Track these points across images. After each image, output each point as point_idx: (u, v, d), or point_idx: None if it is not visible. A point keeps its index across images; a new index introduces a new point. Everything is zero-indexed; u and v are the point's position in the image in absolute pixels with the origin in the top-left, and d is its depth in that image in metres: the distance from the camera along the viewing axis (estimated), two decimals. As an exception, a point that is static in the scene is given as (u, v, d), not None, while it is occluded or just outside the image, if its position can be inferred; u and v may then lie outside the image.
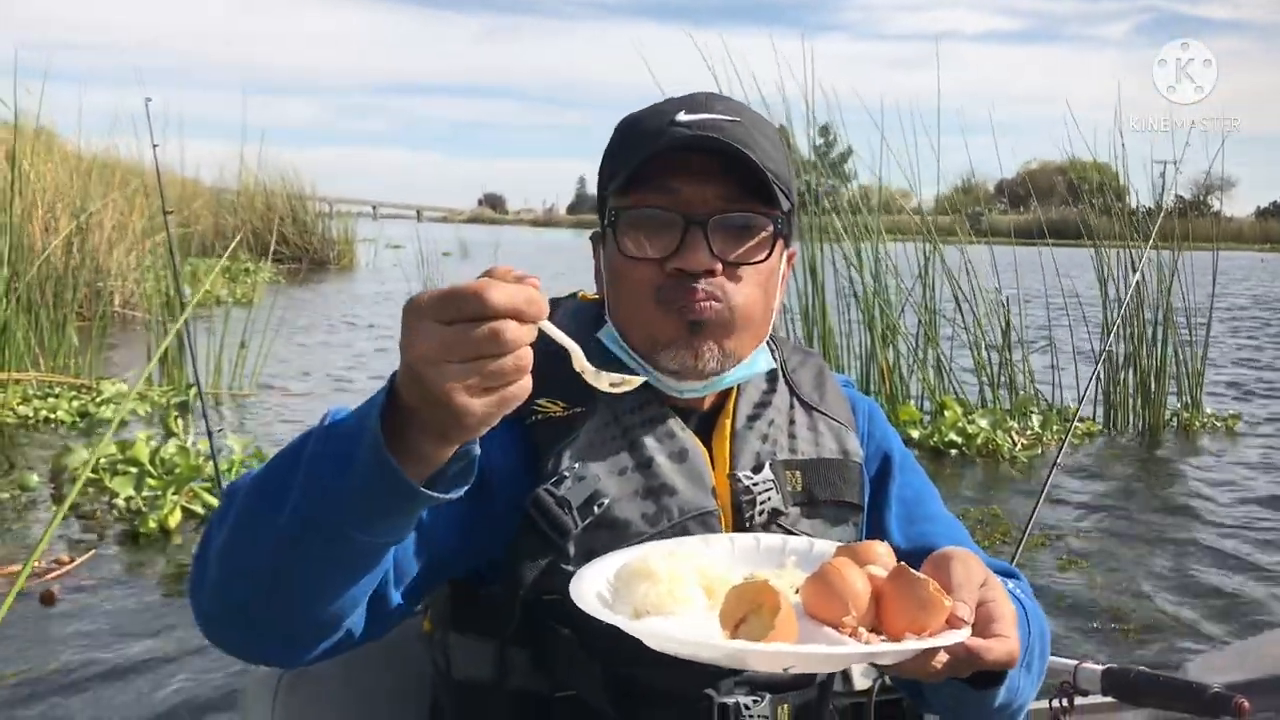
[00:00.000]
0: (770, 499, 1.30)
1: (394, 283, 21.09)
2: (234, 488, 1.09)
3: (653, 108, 1.34)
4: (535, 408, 1.26)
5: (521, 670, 1.25)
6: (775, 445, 1.35)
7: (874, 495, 1.43)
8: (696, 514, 1.26)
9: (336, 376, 10.65)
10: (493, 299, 0.85)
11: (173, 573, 4.82)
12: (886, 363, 8.52)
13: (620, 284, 1.31)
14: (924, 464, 5.79)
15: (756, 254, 1.29)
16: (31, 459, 6.71)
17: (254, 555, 1.03)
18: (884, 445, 1.47)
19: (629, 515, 1.24)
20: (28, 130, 10.25)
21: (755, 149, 1.25)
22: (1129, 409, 8.97)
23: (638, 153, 1.27)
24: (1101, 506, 6.67)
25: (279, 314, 10.53)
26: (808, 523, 1.33)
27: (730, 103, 1.33)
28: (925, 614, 1.00)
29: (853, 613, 1.01)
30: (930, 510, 1.46)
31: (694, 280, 1.25)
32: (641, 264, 1.27)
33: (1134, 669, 1.75)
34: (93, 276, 11.18)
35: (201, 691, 3.71)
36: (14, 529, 5.38)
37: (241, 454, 6.06)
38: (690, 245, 1.24)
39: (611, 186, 1.30)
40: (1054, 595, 4.96)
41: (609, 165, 1.34)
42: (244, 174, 22.35)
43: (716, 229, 1.25)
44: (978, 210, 10.05)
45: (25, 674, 3.78)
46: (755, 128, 1.30)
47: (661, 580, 1.05)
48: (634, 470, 1.26)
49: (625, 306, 1.31)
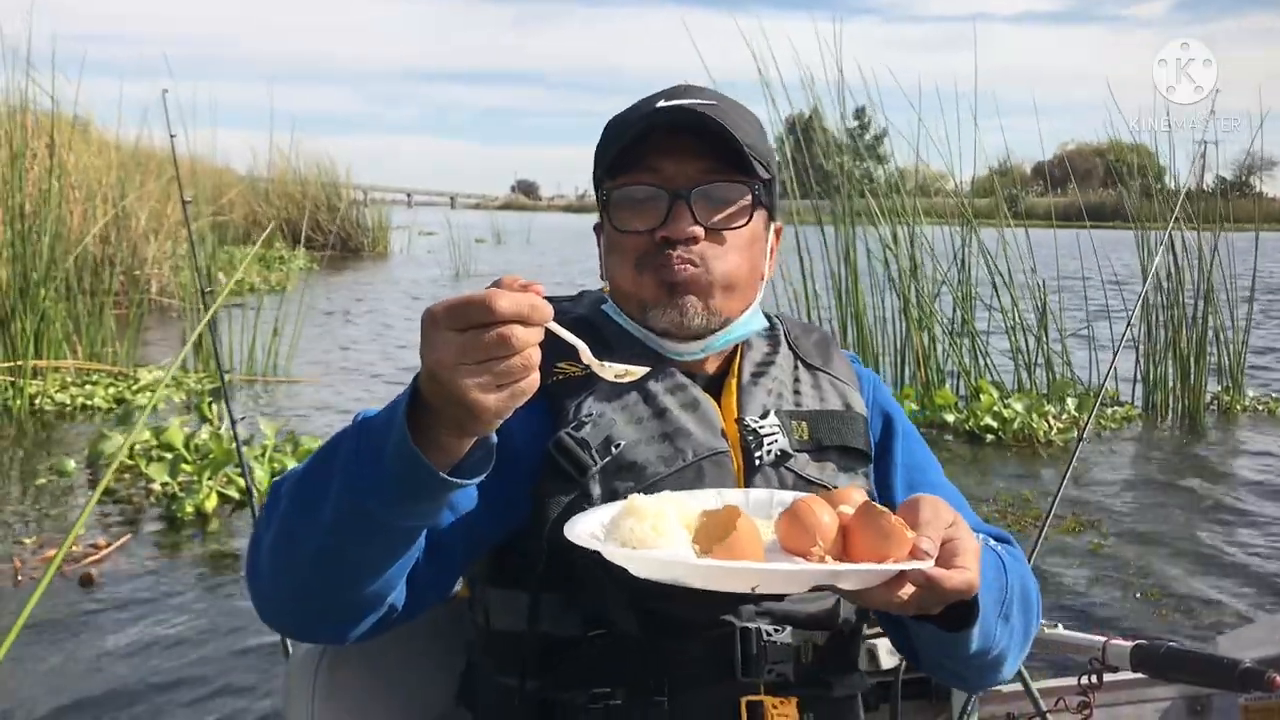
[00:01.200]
0: (777, 439, 1.37)
1: (429, 269, 21.26)
2: (279, 484, 1.20)
3: (637, 104, 1.44)
4: (555, 370, 1.35)
5: (553, 613, 1.32)
6: (780, 399, 1.42)
7: (878, 456, 1.48)
8: (709, 454, 1.33)
9: (368, 362, 10.70)
10: (499, 306, 0.95)
11: (208, 556, 4.86)
12: (922, 346, 8.45)
13: (612, 257, 1.41)
14: (960, 448, 5.78)
15: (737, 220, 1.38)
16: (69, 445, 6.78)
17: (302, 544, 1.14)
18: (887, 409, 1.53)
19: (646, 457, 1.31)
20: (65, 120, 10.35)
21: (731, 127, 1.34)
22: (1168, 392, 8.84)
23: (623, 138, 1.37)
24: (1138, 489, 6.59)
25: (313, 301, 10.60)
26: (816, 467, 1.38)
27: (708, 91, 1.43)
28: (888, 544, 1.05)
29: (819, 544, 1.07)
30: (932, 479, 1.51)
31: (674, 247, 1.34)
32: (631, 236, 1.37)
33: (1163, 644, 1.74)
34: (129, 265, 11.29)
35: (238, 669, 3.75)
36: (52, 514, 5.44)
37: (274, 438, 6.10)
38: (675, 215, 1.34)
39: (600, 172, 1.42)
40: (1086, 576, 4.92)
41: (600, 155, 1.43)
42: (278, 161, 22.51)
43: (698, 199, 1.35)
44: (1014, 192, 9.95)
45: (69, 654, 3.82)
46: (732, 110, 1.40)
47: (646, 517, 1.11)
48: (649, 418, 1.35)
49: (616, 277, 1.41)
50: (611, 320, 1.44)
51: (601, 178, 1.42)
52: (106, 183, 11.15)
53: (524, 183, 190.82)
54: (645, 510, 1.12)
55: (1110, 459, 7.33)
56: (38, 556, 4.67)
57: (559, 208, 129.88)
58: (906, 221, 8.70)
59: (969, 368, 8.67)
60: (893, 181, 9.00)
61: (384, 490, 1.05)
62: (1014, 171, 11.55)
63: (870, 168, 9.12)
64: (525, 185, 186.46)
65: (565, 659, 1.31)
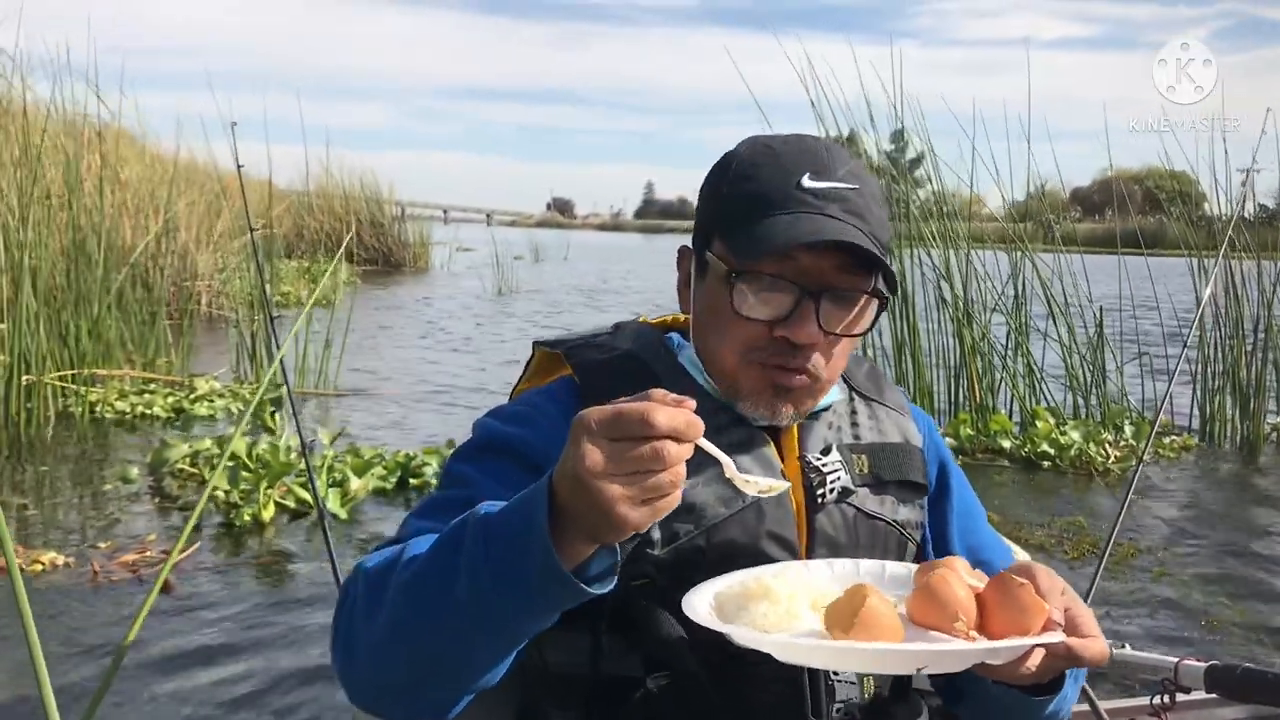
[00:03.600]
0: (840, 477, 1.36)
1: (470, 283, 21.39)
2: (370, 570, 1.17)
3: (773, 159, 1.34)
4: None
5: (615, 654, 1.30)
6: (840, 432, 1.42)
7: (934, 500, 1.49)
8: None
9: (419, 375, 10.76)
10: (657, 421, 0.94)
11: (268, 563, 4.90)
12: (976, 372, 8.39)
13: (718, 328, 1.35)
14: (1017, 475, 5.75)
15: (859, 326, 1.34)
16: (130, 453, 6.84)
17: (418, 644, 1.10)
18: (942, 454, 1.53)
19: (705, 499, 1.29)
20: (115, 132, 10.49)
21: (869, 218, 1.31)
22: (1226, 421, 8.74)
23: (761, 215, 1.30)
24: (1196, 518, 6.50)
25: (360, 315, 10.67)
26: (875, 500, 1.39)
27: (847, 162, 1.35)
28: (1026, 617, 1.06)
29: (963, 619, 1.07)
30: (980, 526, 1.53)
31: (794, 351, 1.31)
32: (747, 323, 1.31)
33: (1239, 665, 1.72)
34: (179, 276, 11.42)
35: (308, 668, 3.80)
36: (120, 519, 5.49)
37: (331, 447, 6.13)
38: (800, 316, 1.29)
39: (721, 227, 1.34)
40: (1146, 603, 4.85)
41: (724, 207, 1.36)
42: (322, 177, 22.71)
43: (828, 301, 1.30)
44: (1049, 219, 9.91)
45: (153, 656, 3.88)
46: (870, 195, 1.34)
47: (780, 600, 1.10)
48: (706, 458, 1.27)
49: (718, 351, 1.36)
50: (686, 373, 1.40)
51: (722, 236, 1.34)
52: (158, 195, 11.29)
53: (559, 200, 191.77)
54: (779, 594, 1.11)
55: (1168, 488, 7.24)
56: (113, 561, 4.71)
57: (594, 226, 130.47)
58: (959, 246, 8.66)
59: (1023, 394, 8.60)
60: (931, 206, 8.96)
61: (520, 602, 1.04)
62: (1051, 196, 11.49)
63: (906, 191, 9.05)
64: (560, 203, 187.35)
65: (628, 700, 1.29)
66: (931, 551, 1.49)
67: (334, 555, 2.43)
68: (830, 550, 1.33)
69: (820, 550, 1.33)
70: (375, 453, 6.30)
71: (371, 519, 5.63)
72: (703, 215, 1.40)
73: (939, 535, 1.48)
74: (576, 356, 1.41)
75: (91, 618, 4.14)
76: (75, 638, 3.96)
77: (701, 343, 1.39)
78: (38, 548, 4.83)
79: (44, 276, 7.80)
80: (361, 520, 5.59)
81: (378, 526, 5.51)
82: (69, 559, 4.71)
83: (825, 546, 1.33)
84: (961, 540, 1.48)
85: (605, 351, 1.42)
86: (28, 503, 5.79)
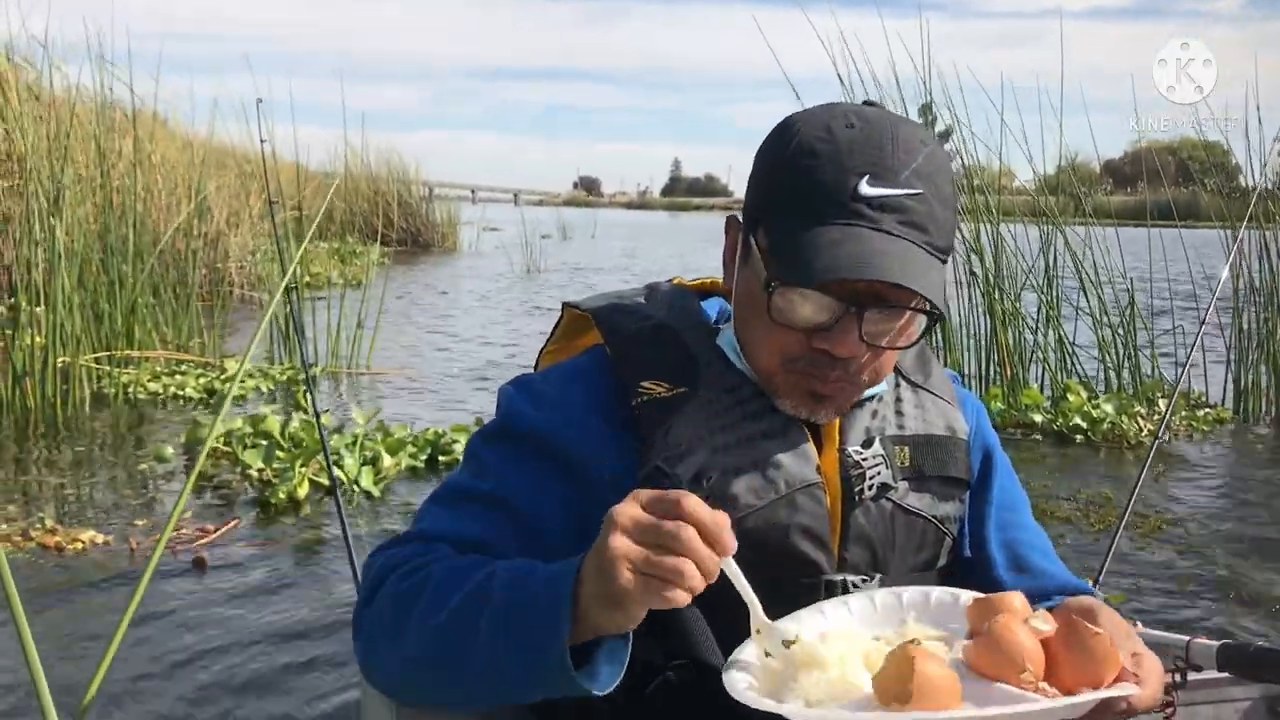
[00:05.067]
0: (880, 473, 1.31)
1: (498, 263, 21.42)
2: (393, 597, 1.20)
3: (833, 149, 1.23)
4: (640, 390, 1.30)
5: (635, 641, 1.28)
6: (884, 421, 1.36)
7: (975, 490, 1.43)
8: (802, 486, 1.27)
9: (448, 354, 10.82)
10: (686, 504, 0.99)
11: (303, 541, 4.95)
12: (1007, 346, 8.34)
13: (756, 327, 1.30)
14: (1048, 449, 5.73)
15: (904, 338, 1.28)
16: (165, 433, 6.92)
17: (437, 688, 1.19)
18: (987, 443, 1.48)
19: (736, 490, 1.25)
20: (146, 116, 10.55)
21: (930, 226, 1.22)
22: (1260, 395, 8.65)
23: (810, 221, 1.21)
24: (1227, 492, 6.44)
25: (392, 296, 10.72)
26: (915, 497, 1.34)
27: (916, 155, 1.23)
28: (1102, 668, 1.02)
29: (1029, 669, 1.01)
30: (1022, 519, 1.48)
31: (834, 364, 1.25)
32: (784, 331, 1.26)
33: (1251, 644, 1.71)
34: (211, 258, 11.50)
35: (338, 647, 3.82)
36: (156, 498, 5.56)
37: (365, 426, 6.18)
38: (842, 330, 1.22)
39: (770, 221, 1.27)
40: (1169, 577, 4.82)
41: (774, 196, 1.27)
42: (350, 158, 22.78)
43: (871, 314, 1.23)
44: (1082, 191, 9.80)
45: (185, 632, 3.92)
46: (935, 196, 1.24)
47: (830, 667, 1.05)
48: (738, 446, 1.28)
49: (755, 351, 1.31)
50: (723, 356, 1.35)
51: (767, 231, 1.27)
52: (189, 177, 11.37)
53: (586, 179, 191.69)
54: (827, 660, 1.05)
55: (1200, 461, 7.18)
56: (151, 538, 4.78)
57: (621, 204, 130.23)
58: (989, 219, 8.59)
59: (1055, 368, 8.54)
60: (960, 180, 8.88)
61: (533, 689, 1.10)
62: (1082, 169, 11.34)
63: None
64: (588, 181, 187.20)
65: (645, 686, 1.26)
66: (968, 546, 1.45)
67: (349, 535, 2.46)
68: (863, 546, 1.30)
69: (853, 547, 1.30)
70: (404, 430, 6.34)
71: (403, 496, 5.68)
72: (754, 192, 1.32)
73: (976, 527, 1.44)
74: (607, 323, 1.37)
75: (129, 595, 4.19)
76: (113, 612, 4.02)
77: (741, 331, 1.33)
78: (76, 527, 4.90)
79: (78, 259, 7.88)
80: (393, 498, 5.64)
81: (410, 502, 5.56)
82: (108, 538, 4.78)
83: (859, 543, 1.30)
84: (998, 533, 1.44)
85: (638, 320, 1.37)
86: (65, 482, 5.87)
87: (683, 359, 1.32)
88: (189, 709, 3.36)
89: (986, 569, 1.43)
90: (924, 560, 1.37)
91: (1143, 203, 10.25)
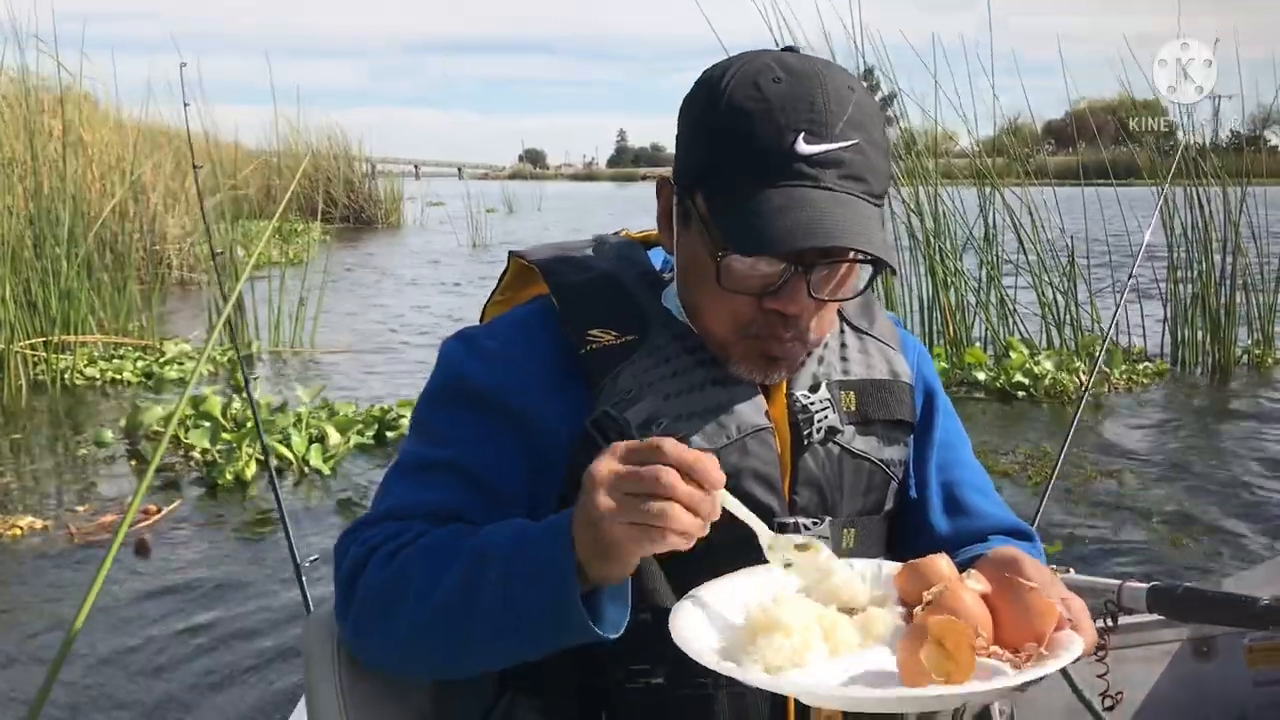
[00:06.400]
0: (827, 417, 1.31)
1: (444, 237, 21.26)
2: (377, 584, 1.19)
3: (764, 108, 1.20)
4: (588, 338, 1.28)
5: None
6: (830, 366, 1.36)
7: (919, 431, 1.44)
8: (752, 431, 1.27)
9: (394, 331, 10.74)
10: (666, 447, 0.99)
11: (250, 520, 4.92)
12: (949, 306, 8.42)
13: (703, 293, 1.27)
14: (991, 406, 5.81)
15: (850, 291, 1.28)
16: (103, 417, 6.82)
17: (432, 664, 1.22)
18: (929, 385, 1.48)
19: (687, 435, 1.24)
20: (75, 96, 10.31)
21: (869, 175, 1.21)
22: (1198, 347, 8.82)
23: (750, 185, 1.19)
24: (1165, 441, 6.62)
25: (333, 272, 10.61)
26: (862, 440, 1.35)
27: (847, 105, 1.21)
28: (1041, 620, 1.03)
29: (983, 635, 1.02)
30: (962, 457, 1.48)
31: (786, 322, 1.24)
32: (732, 296, 1.24)
33: (1180, 585, 1.72)
34: (148, 240, 11.30)
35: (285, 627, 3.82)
36: (96, 483, 5.49)
37: (309, 403, 6.13)
38: (791, 288, 1.21)
39: (712, 205, 1.23)
40: (1103, 525, 4.95)
41: (708, 157, 1.24)
42: (289, 135, 22.44)
43: (819, 272, 1.22)
44: (1025, 152, 9.89)
45: (128, 616, 3.89)
46: (870, 143, 1.22)
47: (793, 631, 1.03)
48: (688, 392, 1.27)
49: (705, 319, 1.29)
50: (669, 314, 1.33)
51: (706, 196, 1.24)
52: (124, 158, 11.14)
53: (531, 152, 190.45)
54: (791, 625, 1.03)
55: (1139, 413, 7.33)
56: (93, 523, 4.71)
57: (567, 176, 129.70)
58: (928, 182, 8.65)
59: (997, 328, 8.65)
60: (900, 146, 8.91)
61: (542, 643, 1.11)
62: (1025, 130, 11.42)
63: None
64: (533, 154, 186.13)
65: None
66: (913, 486, 1.45)
67: (285, 512, 2.44)
68: (813, 489, 1.31)
69: (803, 490, 1.30)
70: (350, 408, 6.29)
71: (353, 472, 5.64)
72: (686, 154, 1.28)
73: (919, 468, 1.45)
74: (554, 274, 1.35)
75: (70, 580, 4.15)
76: (49, 600, 3.97)
77: (686, 295, 1.31)
78: (15, 514, 4.82)
79: (9, 244, 7.71)
80: (343, 475, 5.61)
81: (360, 479, 5.53)
82: (46, 523, 4.71)
83: (808, 486, 1.31)
84: (938, 473, 1.45)
85: (584, 270, 1.36)
86: (3, 470, 5.77)
87: (630, 308, 1.31)
88: (130, 694, 3.33)
89: (925, 510, 1.44)
90: (872, 503, 1.37)
91: (1082, 162, 10.38)
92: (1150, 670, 2.08)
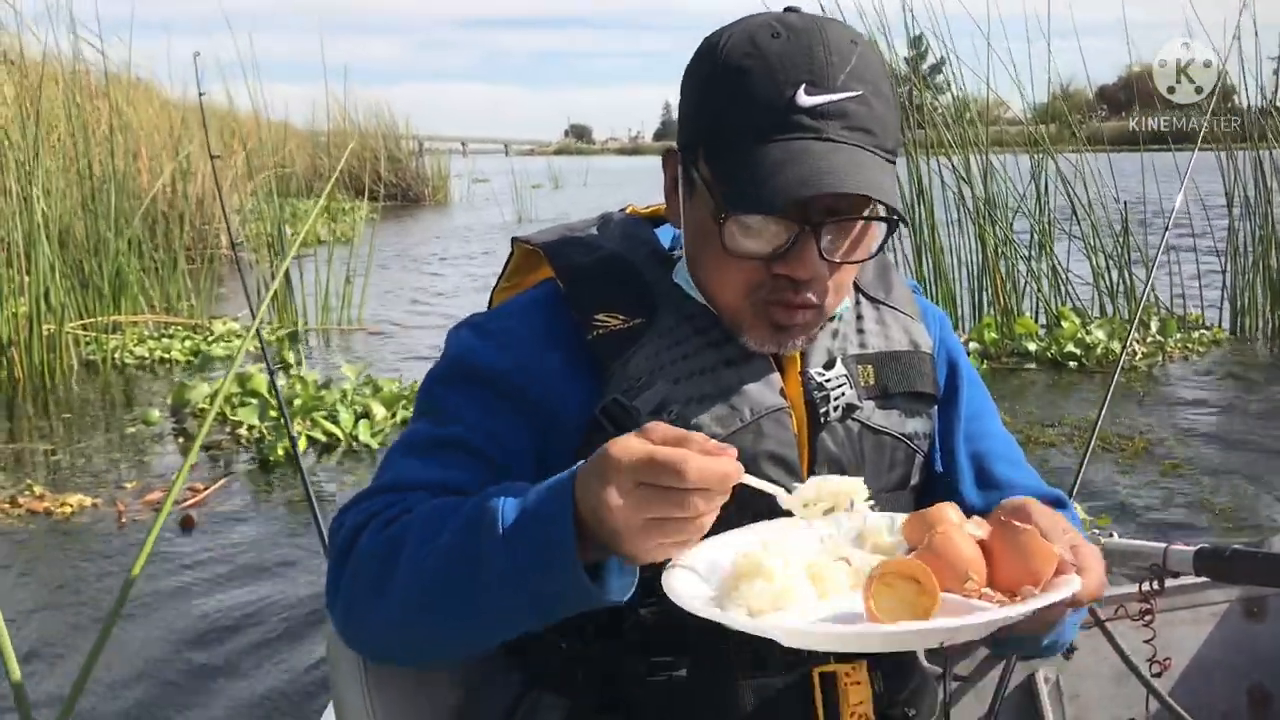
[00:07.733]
0: (845, 394, 1.28)
1: (490, 214, 21.34)
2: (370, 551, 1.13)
3: (762, 63, 1.16)
4: (595, 322, 1.25)
5: None
6: (846, 340, 1.32)
7: (943, 403, 1.39)
8: (767, 412, 1.24)
9: (439, 309, 10.76)
10: (689, 476, 0.92)
11: (298, 497, 4.93)
12: (1000, 275, 8.29)
13: (711, 262, 1.23)
14: (1042, 376, 5.72)
15: (864, 250, 1.22)
16: (152, 397, 6.89)
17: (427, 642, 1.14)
18: (953, 355, 1.44)
19: (701, 420, 1.21)
20: (124, 78, 10.42)
21: (875, 126, 1.16)
22: (1258, 313, 8.61)
23: (751, 141, 1.15)
24: (1219, 410, 6.48)
25: (382, 252, 10.66)
26: (882, 415, 1.30)
27: (849, 57, 1.16)
28: (1038, 565, 1.01)
29: (974, 577, 1.01)
30: (990, 427, 1.44)
31: (796, 287, 1.19)
32: (740, 262, 1.20)
33: (1228, 547, 1.67)
34: (196, 219, 11.42)
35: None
36: (145, 460, 5.55)
37: (355, 381, 6.15)
38: (801, 250, 1.17)
39: (715, 169, 1.19)
40: (1151, 494, 4.86)
41: (709, 120, 1.21)
42: (336, 114, 22.56)
43: (829, 231, 1.18)
44: (1077, 118, 9.68)
45: (172, 594, 3.92)
46: (875, 95, 1.17)
47: (775, 577, 1.02)
48: (700, 375, 1.23)
49: (714, 288, 1.25)
50: (680, 289, 1.29)
51: (708, 158, 1.20)
52: (172, 140, 11.25)
53: (577, 127, 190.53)
54: (773, 570, 1.02)
55: (1195, 381, 7.18)
56: (139, 500, 4.76)
57: (613, 150, 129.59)
58: (979, 150, 8.50)
59: (1048, 297, 8.50)
60: (947, 113, 8.75)
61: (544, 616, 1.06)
62: (1076, 96, 11.18)
63: (930, 98, 8.83)
64: (578, 129, 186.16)
65: (626, 624, 1.22)
66: (938, 459, 1.41)
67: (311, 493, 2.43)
68: (833, 468, 1.26)
69: (821, 470, 1.25)
70: (393, 384, 6.32)
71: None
72: (687, 119, 1.25)
73: (945, 440, 1.40)
74: (559, 257, 1.31)
75: (118, 555, 4.20)
76: (102, 575, 4.02)
77: (695, 267, 1.27)
78: (65, 492, 4.88)
79: (60, 226, 7.81)
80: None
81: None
82: (96, 501, 4.77)
83: (828, 466, 1.26)
84: (966, 445, 1.40)
85: (590, 251, 1.32)
86: (54, 449, 5.85)
87: (638, 290, 1.27)
88: (174, 675, 3.36)
89: (956, 483, 1.39)
90: (897, 479, 1.33)
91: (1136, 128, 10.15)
92: (1199, 632, 2.02)
